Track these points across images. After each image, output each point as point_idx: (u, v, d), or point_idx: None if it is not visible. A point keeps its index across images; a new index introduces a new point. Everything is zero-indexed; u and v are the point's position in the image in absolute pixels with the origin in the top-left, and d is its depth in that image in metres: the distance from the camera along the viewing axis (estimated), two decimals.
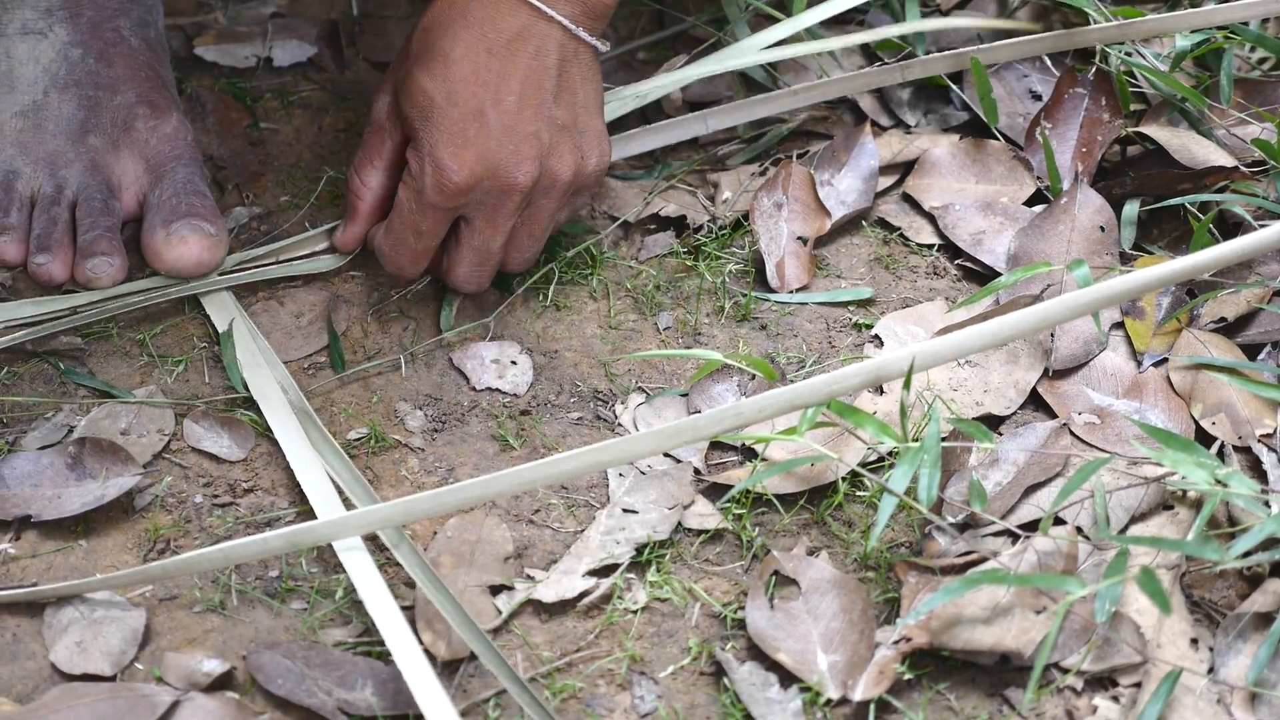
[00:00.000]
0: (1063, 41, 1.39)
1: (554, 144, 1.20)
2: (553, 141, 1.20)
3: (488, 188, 1.19)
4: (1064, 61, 1.42)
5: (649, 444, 1.07)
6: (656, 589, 1.11)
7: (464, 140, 1.18)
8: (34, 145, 1.29)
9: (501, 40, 1.18)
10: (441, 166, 1.18)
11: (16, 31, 1.32)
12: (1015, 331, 1.09)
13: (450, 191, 1.18)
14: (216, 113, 1.42)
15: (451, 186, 1.18)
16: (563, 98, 1.21)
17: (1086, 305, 1.08)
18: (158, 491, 1.16)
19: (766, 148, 1.39)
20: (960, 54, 1.38)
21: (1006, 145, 1.38)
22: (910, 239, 1.34)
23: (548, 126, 1.20)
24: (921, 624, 1.06)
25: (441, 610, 1.06)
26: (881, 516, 1.07)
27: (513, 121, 1.18)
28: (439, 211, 1.20)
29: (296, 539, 1.06)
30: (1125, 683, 1.05)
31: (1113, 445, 1.18)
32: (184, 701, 1.04)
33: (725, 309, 1.28)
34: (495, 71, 1.18)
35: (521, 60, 1.19)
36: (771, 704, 1.05)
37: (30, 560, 1.12)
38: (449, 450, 1.19)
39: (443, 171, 1.18)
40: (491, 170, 1.18)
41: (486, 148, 1.18)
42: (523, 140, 1.19)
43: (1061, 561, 1.08)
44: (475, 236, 1.22)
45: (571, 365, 1.25)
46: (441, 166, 1.18)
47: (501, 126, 1.18)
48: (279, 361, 1.22)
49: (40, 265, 1.25)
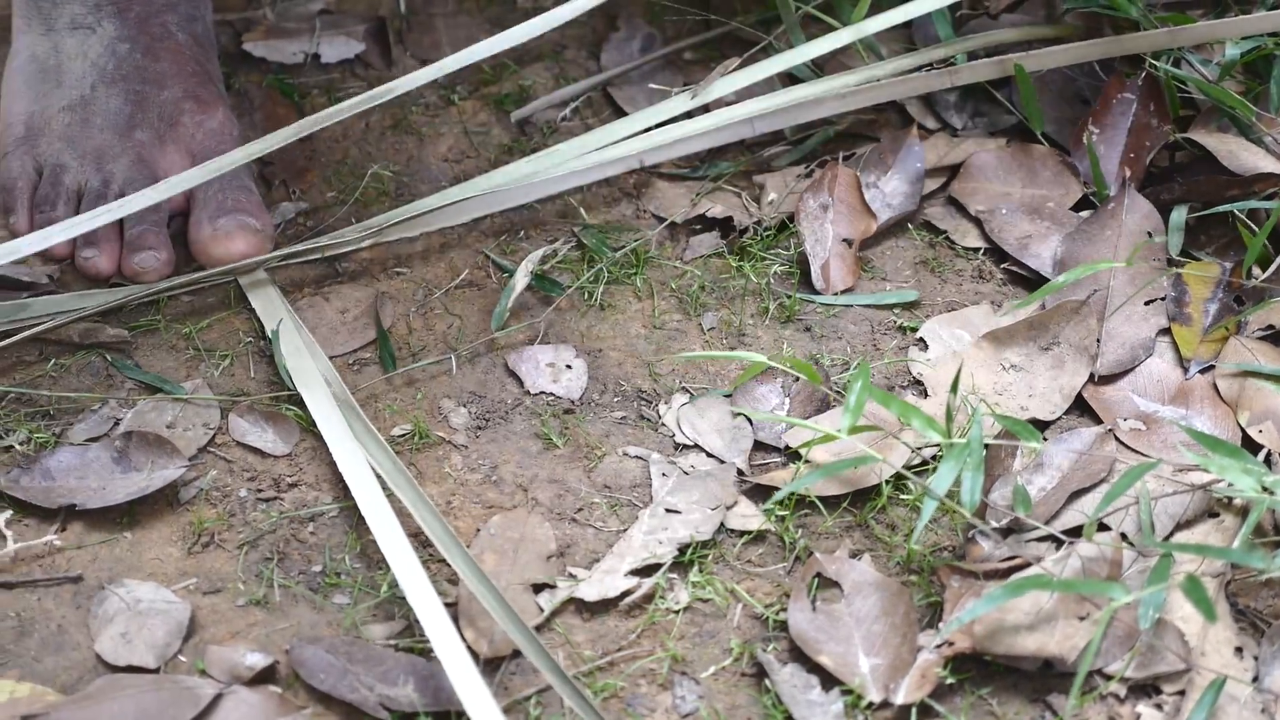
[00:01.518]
0: (1111, 48, 1.39)
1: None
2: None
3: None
4: (1113, 67, 1.41)
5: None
6: (699, 589, 1.11)
7: None
8: (81, 139, 1.30)
9: None
10: None
11: (65, 26, 1.32)
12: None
13: None
14: (264, 108, 1.42)
15: None
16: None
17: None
18: (202, 485, 1.16)
19: (813, 149, 1.39)
20: (1007, 60, 1.38)
21: (1053, 150, 1.37)
22: (956, 242, 1.33)
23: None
24: (964, 628, 1.06)
25: (485, 607, 1.06)
26: (922, 519, 1.07)
27: None
28: None
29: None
30: (1169, 690, 1.05)
31: (1158, 451, 1.18)
32: (227, 695, 1.04)
33: (770, 310, 1.28)
34: None
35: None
36: (813, 706, 1.04)
37: (75, 551, 1.12)
38: (492, 448, 1.19)
39: None
40: None
41: None
42: None
43: (1105, 568, 1.08)
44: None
45: (616, 364, 1.25)
46: None
47: None
48: (324, 357, 1.23)
49: (87, 259, 1.26)
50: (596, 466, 1.18)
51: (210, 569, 1.12)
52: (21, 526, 1.13)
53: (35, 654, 1.07)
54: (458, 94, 1.45)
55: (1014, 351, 1.23)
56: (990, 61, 1.39)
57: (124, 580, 1.10)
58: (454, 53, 1.47)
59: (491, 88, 1.43)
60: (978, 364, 1.23)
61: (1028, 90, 1.36)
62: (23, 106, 1.31)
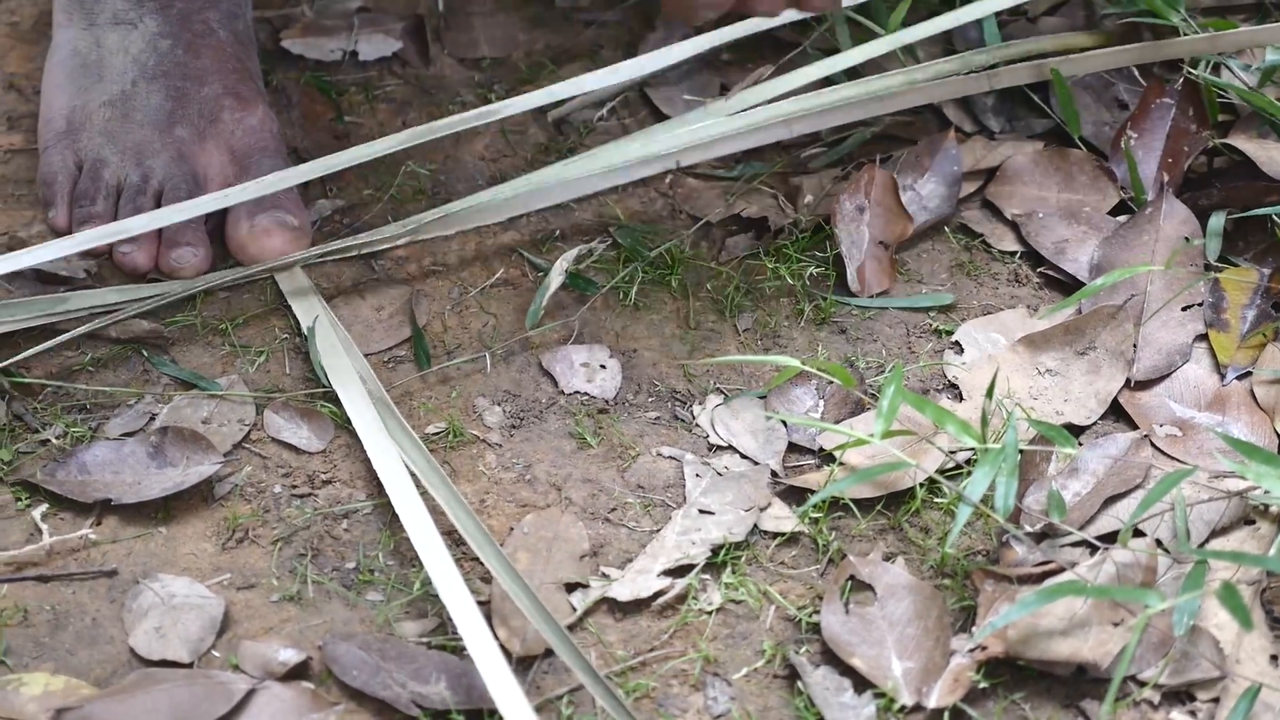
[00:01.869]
0: (1150, 53, 1.38)
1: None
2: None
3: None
4: (1152, 71, 1.41)
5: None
6: (731, 590, 1.11)
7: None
8: (121, 135, 1.30)
9: None
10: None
11: (107, 21, 1.33)
12: None
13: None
14: (302, 105, 1.43)
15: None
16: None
17: None
18: (237, 481, 1.16)
19: (849, 151, 1.39)
20: (1045, 64, 1.38)
21: (1090, 154, 1.37)
22: (992, 246, 1.33)
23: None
24: (998, 633, 1.05)
25: (518, 606, 1.06)
26: (957, 524, 1.07)
27: None
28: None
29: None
30: (1203, 698, 1.05)
31: (1194, 458, 1.17)
32: (260, 690, 1.04)
33: (805, 312, 1.28)
34: None
35: None
36: (845, 709, 1.04)
37: (110, 545, 1.13)
38: (526, 447, 1.19)
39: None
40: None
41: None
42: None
43: (1140, 574, 1.08)
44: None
45: (650, 365, 1.25)
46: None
47: None
48: (359, 354, 1.23)
49: (125, 254, 1.26)
50: (630, 466, 1.18)
51: (244, 564, 1.12)
52: (57, 520, 1.14)
53: (70, 647, 1.07)
54: (495, 93, 1.45)
55: (1050, 356, 1.23)
56: (1028, 66, 1.38)
57: (158, 575, 1.10)
58: (491, 52, 1.48)
59: (529, 86, 1.43)
60: (1013, 368, 1.22)
61: (1065, 95, 1.36)
62: (63, 101, 1.32)
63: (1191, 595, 1.03)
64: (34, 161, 1.34)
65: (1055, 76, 1.35)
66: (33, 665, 1.06)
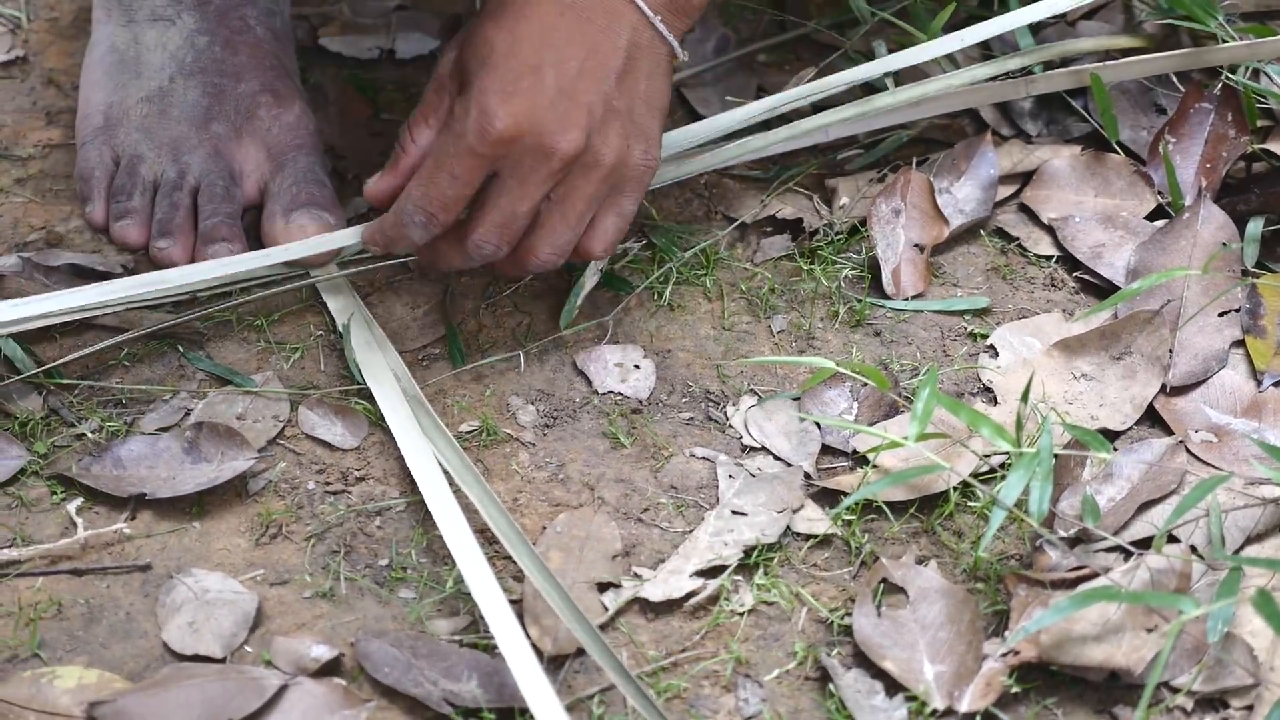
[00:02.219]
0: (1190, 60, 1.38)
1: (605, 122, 1.15)
2: (604, 119, 1.15)
3: (528, 145, 1.14)
4: (1190, 76, 1.40)
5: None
6: (763, 592, 1.11)
7: (515, 90, 1.13)
8: (158, 130, 1.30)
9: (576, 6, 1.14)
10: (486, 111, 1.13)
11: (146, 18, 1.33)
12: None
13: (490, 139, 1.13)
14: (339, 103, 1.43)
15: (493, 134, 1.13)
16: (625, 83, 1.16)
17: None
18: (271, 477, 1.17)
19: (886, 154, 1.39)
20: (1082, 70, 1.37)
21: (1127, 159, 1.36)
22: (1028, 249, 1.33)
23: (602, 103, 1.15)
24: (1030, 638, 1.05)
25: (550, 605, 1.06)
26: (991, 528, 1.06)
27: (569, 86, 1.14)
28: (475, 158, 1.14)
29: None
30: (1237, 705, 1.04)
31: (1229, 464, 1.17)
32: (291, 686, 1.04)
33: (839, 314, 1.28)
34: (563, 33, 1.14)
35: (591, 30, 1.14)
36: (876, 712, 1.04)
37: (145, 540, 1.13)
38: (560, 446, 1.19)
39: (486, 117, 1.13)
40: (535, 127, 1.13)
41: (536, 104, 1.13)
42: (574, 107, 1.14)
43: (1174, 580, 1.07)
44: (503, 195, 1.16)
45: (684, 365, 1.25)
46: (486, 111, 1.13)
47: (557, 87, 1.13)
48: (394, 352, 1.23)
49: (162, 249, 1.26)
50: (663, 467, 1.18)
51: (277, 560, 1.12)
52: (92, 514, 1.14)
53: (103, 641, 1.08)
54: None
55: (1085, 360, 1.23)
56: (1066, 71, 1.38)
57: (192, 570, 1.11)
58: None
59: None
60: (1048, 372, 1.22)
61: (1104, 100, 1.35)
62: (102, 97, 1.32)
63: (1226, 602, 1.02)
64: (72, 157, 1.35)
65: (1094, 81, 1.35)
66: (67, 658, 1.06)
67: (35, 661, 1.06)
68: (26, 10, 1.51)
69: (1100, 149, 1.38)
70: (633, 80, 1.16)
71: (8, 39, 1.49)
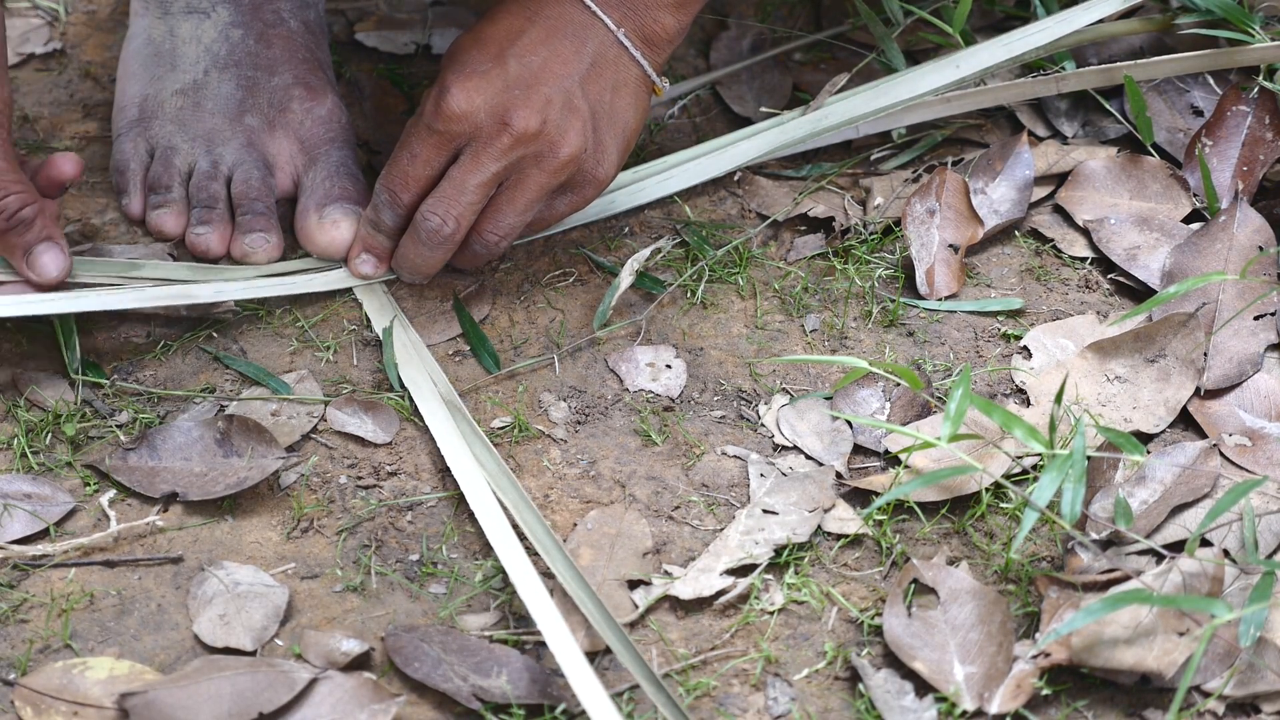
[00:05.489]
0: (1224, 60, 1.37)
1: (564, 116, 1.19)
2: (564, 112, 1.19)
3: (482, 120, 1.18)
4: (1227, 78, 1.40)
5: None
6: (794, 591, 1.11)
7: (475, 72, 1.19)
8: (192, 123, 1.31)
9: (545, 17, 1.19)
10: (445, 89, 1.19)
11: (181, 10, 1.34)
12: None
13: (444, 114, 1.18)
14: (374, 98, 1.43)
15: (446, 109, 1.18)
16: (588, 88, 1.20)
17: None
18: (303, 471, 1.17)
19: (920, 153, 1.39)
20: (1114, 69, 1.37)
21: (1163, 162, 1.36)
22: (1063, 251, 1.32)
23: (562, 97, 1.19)
24: (1061, 640, 1.05)
25: (579, 602, 1.06)
26: (1023, 529, 1.06)
27: (531, 76, 1.18)
28: (433, 134, 1.20)
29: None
30: (1269, 710, 1.04)
31: (1263, 468, 1.16)
32: (322, 679, 1.04)
33: (873, 314, 1.28)
34: (529, 36, 1.19)
35: (558, 37, 1.19)
36: (906, 712, 1.04)
37: (177, 532, 1.13)
38: (591, 443, 1.19)
39: (443, 94, 1.19)
40: (491, 104, 1.18)
41: (495, 85, 1.18)
42: (533, 93, 1.18)
43: (1207, 584, 1.07)
44: (457, 169, 1.20)
45: (716, 364, 1.24)
46: (445, 89, 1.19)
47: (518, 74, 1.18)
48: (425, 348, 1.23)
49: (199, 236, 1.27)
50: (695, 465, 1.18)
51: (309, 554, 1.12)
52: (124, 506, 1.15)
53: (135, 632, 1.08)
54: None
55: (1119, 363, 1.22)
56: (1098, 69, 1.38)
57: (224, 563, 1.11)
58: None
59: None
60: (1082, 374, 1.22)
61: (1137, 101, 1.35)
62: (137, 89, 1.33)
63: (1259, 606, 1.02)
64: (108, 149, 1.35)
65: (1128, 82, 1.34)
66: (98, 649, 1.07)
67: (67, 652, 1.07)
68: (64, 3, 1.52)
69: (1136, 151, 1.37)
70: (596, 88, 1.20)
71: (45, 31, 1.49)
